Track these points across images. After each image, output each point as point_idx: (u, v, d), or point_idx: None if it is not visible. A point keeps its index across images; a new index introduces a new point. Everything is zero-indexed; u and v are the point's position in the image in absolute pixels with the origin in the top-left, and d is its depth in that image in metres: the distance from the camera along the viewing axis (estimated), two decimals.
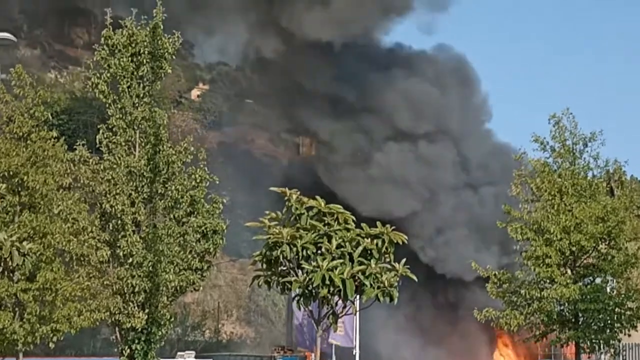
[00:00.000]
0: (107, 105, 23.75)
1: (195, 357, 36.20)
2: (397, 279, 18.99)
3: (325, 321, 19.99)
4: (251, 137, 61.19)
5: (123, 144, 23.73)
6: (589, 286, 27.23)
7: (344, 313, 19.93)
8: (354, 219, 19.51)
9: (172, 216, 23.81)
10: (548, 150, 28.71)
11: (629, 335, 28.31)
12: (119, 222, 23.28)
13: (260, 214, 19.57)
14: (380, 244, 19.05)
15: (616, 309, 27.40)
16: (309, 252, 18.96)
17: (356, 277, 18.81)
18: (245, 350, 52.76)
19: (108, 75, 23.67)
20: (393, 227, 19.19)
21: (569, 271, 27.64)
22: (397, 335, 48.33)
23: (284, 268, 19.60)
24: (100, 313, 22.51)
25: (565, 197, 27.74)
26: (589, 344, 27.59)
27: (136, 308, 23.36)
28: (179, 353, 35.81)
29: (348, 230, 19.21)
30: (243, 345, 57.16)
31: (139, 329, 23.44)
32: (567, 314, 27.60)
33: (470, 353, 47.86)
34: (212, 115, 68.65)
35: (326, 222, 19.31)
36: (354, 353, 33.09)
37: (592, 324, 27.46)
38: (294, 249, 18.94)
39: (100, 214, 23.55)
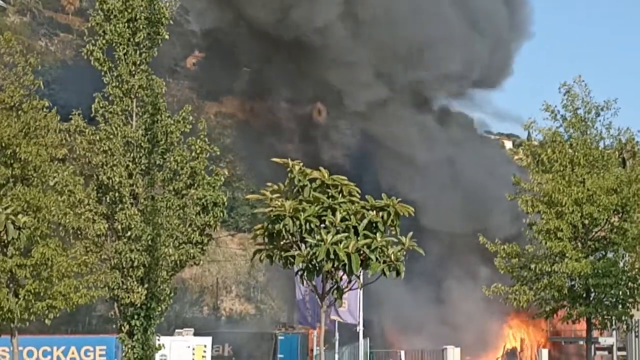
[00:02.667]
0: (102, 74, 22.98)
1: (194, 334, 35.55)
2: (404, 252, 18.21)
3: (329, 296, 19.26)
4: (250, 106, 59.56)
5: (120, 113, 23.00)
6: (601, 260, 26.50)
7: (349, 288, 19.20)
8: (359, 190, 18.72)
9: (171, 188, 23.13)
10: (559, 120, 27.90)
11: None
12: (117, 194, 22.60)
13: (259, 187, 18.82)
14: (385, 216, 18.25)
15: (629, 284, 26.70)
16: (312, 225, 18.16)
17: (361, 251, 18.03)
18: (245, 327, 52.08)
19: (103, 42, 22.89)
20: (399, 200, 18.41)
21: (580, 245, 26.91)
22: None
23: (287, 242, 18.85)
24: (98, 290, 21.89)
25: (577, 168, 26.93)
26: (600, 320, 26.92)
27: (135, 283, 22.73)
28: (177, 330, 35.23)
29: (353, 202, 18.41)
30: (243, 322, 56.48)
31: (138, 305, 22.82)
32: (578, 289, 26.87)
33: None
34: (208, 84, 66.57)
35: (330, 194, 18.52)
36: (357, 330, 32.39)
37: (604, 300, 26.75)
38: (297, 222, 18.16)
39: (97, 186, 22.86)
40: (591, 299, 26.78)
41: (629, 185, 26.32)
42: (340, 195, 18.50)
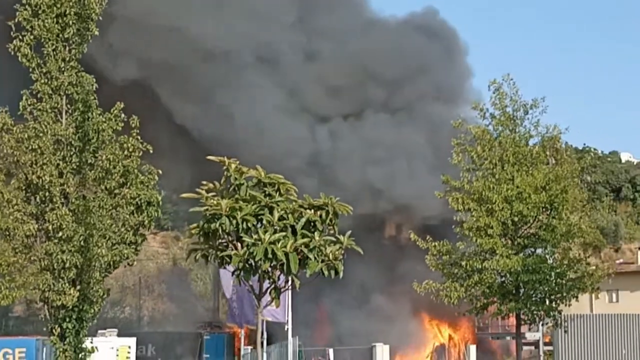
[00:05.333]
0: (30, 70, 22.37)
1: (118, 334, 34.87)
2: (342, 251, 18.16)
3: (266, 296, 19.11)
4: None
5: (49, 111, 22.40)
6: (530, 257, 26.96)
7: (286, 287, 19.08)
8: (296, 189, 18.62)
9: (103, 187, 22.61)
10: (488, 118, 28.30)
11: (569, 306, 28.19)
12: (47, 194, 22.01)
13: (183, 185, 18.55)
14: (324, 215, 18.19)
15: (557, 280, 27.25)
16: (249, 224, 17.97)
17: (299, 250, 17.92)
18: (168, 327, 51.27)
19: (31, 37, 22.30)
20: (337, 198, 18.37)
21: (510, 242, 27.32)
22: None
23: (223, 241, 18.62)
24: (27, 291, 21.33)
25: (507, 166, 27.37)
26: (529, 315, 27.39)
27: (67, 285, 22.15)
28: (99, 331, 34.49)
29: (290, 201, 18.31)
30: (166, 322, 55.53)
31: (70, 307, 22.27)
32: (508, 285, 27.31)
33: None
34: None
35: (267, 192, 18.37)
36: (285, 329, 32.33)
37: (533, 295, 27.26)
38: (234, 221, 17.95)
39: (26, 186, 22.24)
40: (520, 294, 27.24)
41: (557, 182, 26.82)
42: (278, 193, 18.36)
